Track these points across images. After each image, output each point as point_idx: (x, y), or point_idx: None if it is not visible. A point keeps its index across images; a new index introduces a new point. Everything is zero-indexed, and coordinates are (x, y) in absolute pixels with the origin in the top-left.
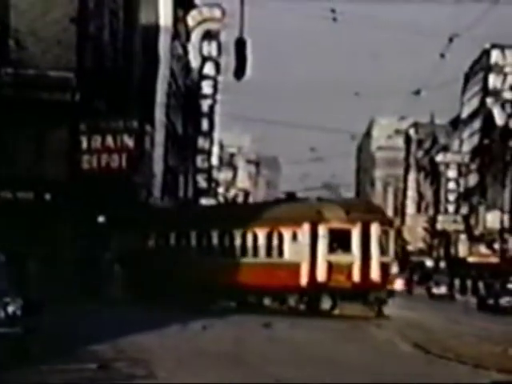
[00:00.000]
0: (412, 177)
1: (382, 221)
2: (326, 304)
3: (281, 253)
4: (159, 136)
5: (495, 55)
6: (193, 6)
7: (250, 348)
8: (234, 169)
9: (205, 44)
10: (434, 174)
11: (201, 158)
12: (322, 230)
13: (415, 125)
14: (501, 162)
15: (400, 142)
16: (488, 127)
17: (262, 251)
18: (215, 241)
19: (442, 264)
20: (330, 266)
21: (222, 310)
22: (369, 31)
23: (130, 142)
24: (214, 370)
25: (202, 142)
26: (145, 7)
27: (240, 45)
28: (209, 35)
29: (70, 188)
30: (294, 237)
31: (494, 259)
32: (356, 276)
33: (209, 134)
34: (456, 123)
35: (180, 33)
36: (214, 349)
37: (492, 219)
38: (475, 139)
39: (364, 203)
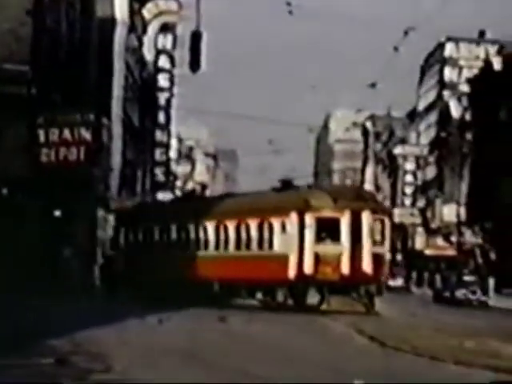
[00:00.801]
0: (370, 169)
1: (375, 209)
2: (314, 298)
3: (270, 245)
4: (117, 129)
5: (450, 48)
6: None
7: (204, 341)
8: (192, 162)
9: (160, 37)
10: (391, 166)
11: (159, 151)
12: (308, 220)
13: (372, 117)
14: (458, 155)
15: (357, 134)
16: (444, 120)
17: (254, 244)
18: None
19: (399, 257)
20: (317, 258)
21: (179, 303)
22: (325, 24)
23: (87, 135)
24: (169, 363)
25: (159, 135)
26: (101, 0)
27: (196, 38)
28: (165, 28)
29: (29, 182)
30: (283, 227)
31: (451, 252)
32: (345, 268)
33: (166, 127)
34: (413, 116)
35: (136, 26)
36: (169, 342)
37: (449, 212)
38: (432, 132)
39: (355, 190)
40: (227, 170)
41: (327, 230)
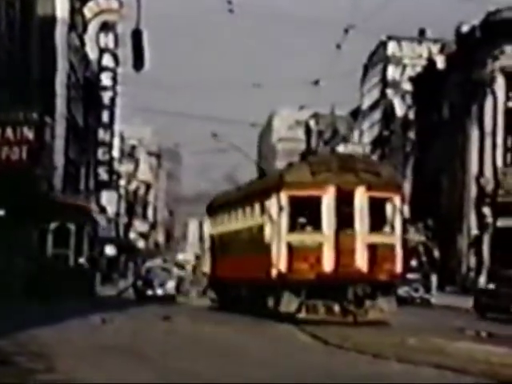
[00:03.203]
0: None
1: (374, 184)
2: (290, 304)
3: (259, 235)
4: (60, 128)
5: (392, 47)
6: None
7: (148, 341)
8: (135, 161)
9: (102, 36)
10: None
11: (102, 150)
12: (281, 200)
13: (315, 116)
14: (401, 154)
15: (300, 132)
16: (388, 118)
17: (242, 236)
18: None
19: None
20: (291, 250)
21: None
22: (267, 22)
23: (30, 134)
24: (112, 362)
25: (102, 134)
26: None
27: (137, 36)
28: (106, 27)
29: None
30: (263, 212)
31: None
32: (327, 263)
33: (109, 126)
34: (356, 114)
35: (77, 24)
36: (112, 342)
37: None
38: (375, 130)
39: (345, 159)
40: (170, 169)
41: (304, 212)
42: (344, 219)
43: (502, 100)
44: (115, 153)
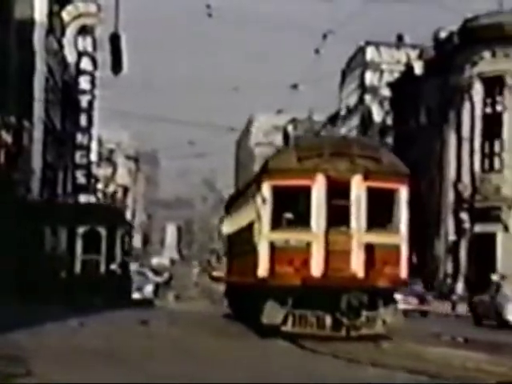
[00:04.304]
0: None
1: (375, 172)
2: (274, 314)
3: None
4: (38, 132)
5: (370, 52)
6: (68, 0)
7: (126, 344)
8: (114, 165)
9: (80, 39)
10: None
11: (79, 153)
12: (264, 191)
13: (293, 121)
14: None
15: (278, 137)
16: (366, 124)
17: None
18: None
19: None
20: (273, 252)
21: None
22: (246, 27)
23: (8, 137)
24: (90, 366)
25: (80, 138)
26: (19, 1)
27: (115, 40)
28: (84, 30)
29: None
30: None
31: None
32: (315, 267)
33: (87, 130)
34: (334, 119)
35: (55, 27)
36: (90, 345)
37: None
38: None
39: (340, 142)
40: (149, 173)
41: (290, 206)
42: (337, 214)
43: (479, 106)
44: (93, 156)
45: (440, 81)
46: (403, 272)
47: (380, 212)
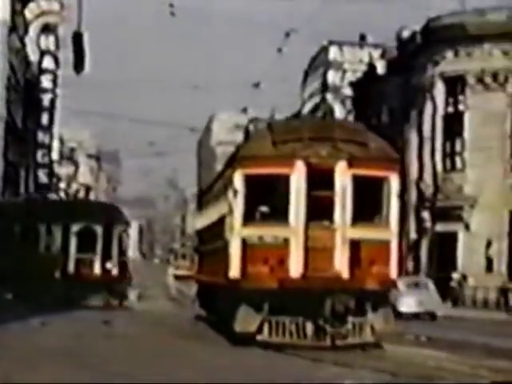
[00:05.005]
0: None
1: (362, 158)
2: (248, 321)
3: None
4: None
5: (333, 52)
6: None
7: (87, 344)
8: (75, 163)
9: (43, 37)
10: None
11: (41, 152)
12: (236, 181)
13: (255, 120)
14: None
15: (240, 136)
16: None
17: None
18: None
19: None
20: (246, 249)
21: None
22: (208, 25)
23: None
24: (51, 365)
25: (42, 137)
26: None
27: (77, 38)
28: (47, 29)
29: None
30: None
31: None
32: (294, 267)
33: (49, 129)
34: (296, 118)
35: (18, 26)
36: (52, 345)
37: None
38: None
39: (321, 125)
40: (110, 172)
41: (265, 198)
42: (318, 206)
43: (441, 105)
44: (55, 155)
45: (402, 80)
46: (393, 272)
47: (367, 203)
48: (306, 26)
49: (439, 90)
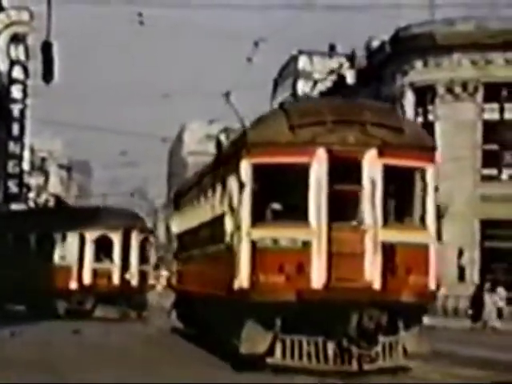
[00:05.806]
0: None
1: (395, 146)
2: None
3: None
4: None
5: (303, 61)
6: (0, 8)
7: (57, 353)
8: (46, 173)
9: (12, 47)
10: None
11: (12, 162)
12: (242, 172)
13: (226, 130)
14: None
15: (211, 146)
16: None
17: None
18: None
19: None
20: (256, 254)
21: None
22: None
23: None
24: (21, 376)
25: (12, 147)
26: None
27: (47, 48)
28: (16, 38)
29: None
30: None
31: None
32: (315, 276)
33: (19, 139)
34: None
35: None
36: (21, 355)
37: None
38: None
39: (346, 106)
40: (81, 182)
41: (278, 192)
42: (343, 203)
43: (411, 115)
44: (25, 165)
45: (372, 90)
46: (432, 282)
47: (401, 200)
48: (276, 35)
49: (409, 100)
